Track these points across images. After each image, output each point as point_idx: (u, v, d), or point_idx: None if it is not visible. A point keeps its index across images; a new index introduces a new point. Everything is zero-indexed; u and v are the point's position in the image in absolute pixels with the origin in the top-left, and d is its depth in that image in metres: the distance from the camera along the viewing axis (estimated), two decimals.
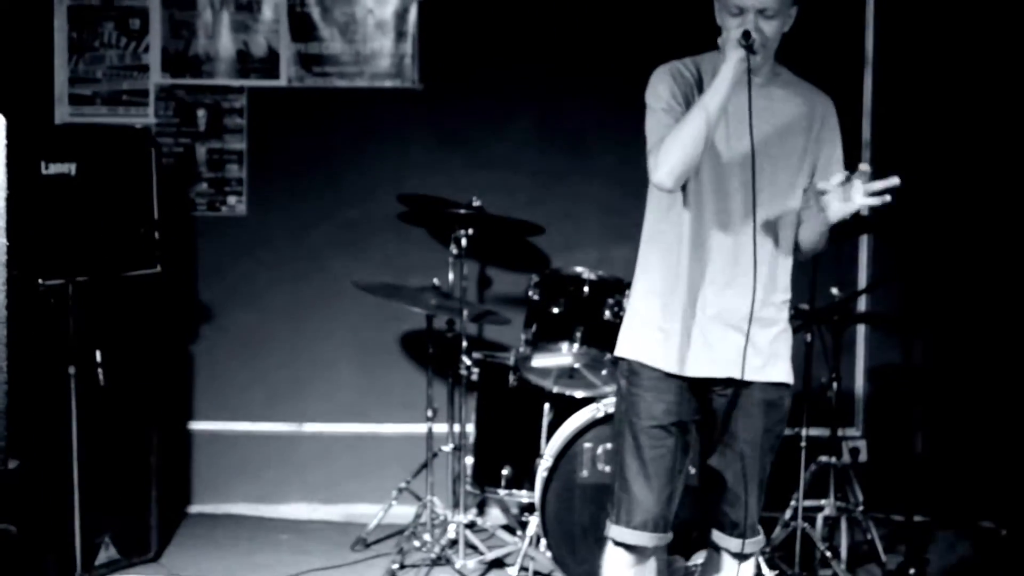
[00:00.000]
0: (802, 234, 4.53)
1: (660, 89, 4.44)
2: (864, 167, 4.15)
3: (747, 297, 4.33)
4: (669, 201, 4.50)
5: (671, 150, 4.25)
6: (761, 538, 4.73)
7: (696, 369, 4.47)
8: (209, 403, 7.63)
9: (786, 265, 4.59)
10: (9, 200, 4.55)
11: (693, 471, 4.78)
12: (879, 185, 4.11)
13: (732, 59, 4.20)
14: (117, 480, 6.42)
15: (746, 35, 4.20)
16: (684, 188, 4.44)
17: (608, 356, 6.14)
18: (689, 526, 5.16)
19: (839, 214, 4.19)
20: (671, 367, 4.47)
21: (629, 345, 4.62)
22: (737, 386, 4.46)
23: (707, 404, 4.57)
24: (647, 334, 4.56)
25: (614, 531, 4.56)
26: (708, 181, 4.45)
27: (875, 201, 4.11)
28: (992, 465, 7.17)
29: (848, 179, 4.12)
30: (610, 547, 4.60)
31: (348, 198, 7.53)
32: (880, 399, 7.66)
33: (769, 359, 4.52)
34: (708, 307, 4.47)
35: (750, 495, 4.55)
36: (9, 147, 4.61)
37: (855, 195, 4.12)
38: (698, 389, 4.53)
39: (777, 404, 4.58)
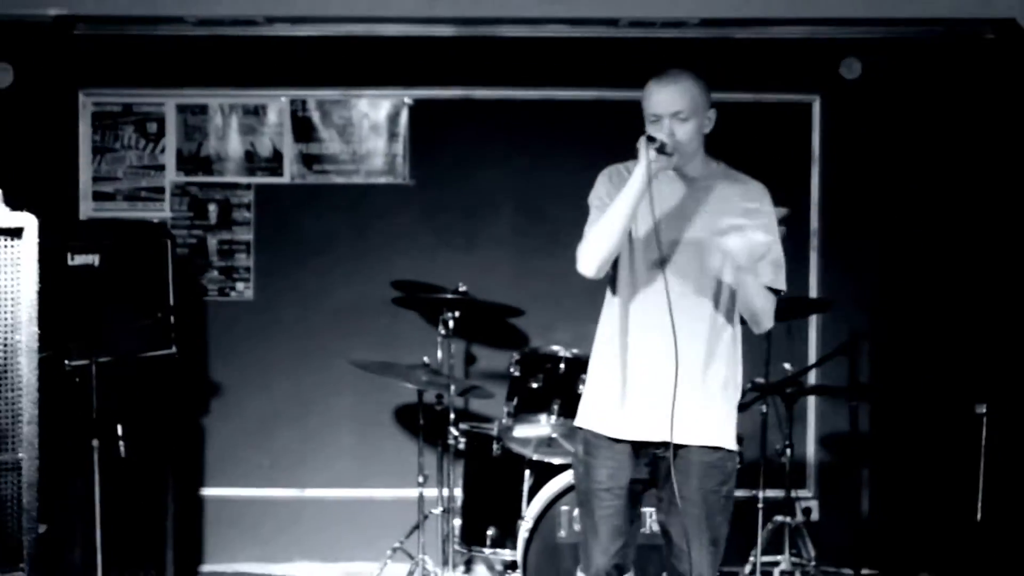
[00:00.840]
0: (739, 303, 4.56)
1: (598, 189, 4.65)
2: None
3: (687, 371, 4.45)
4: (608, 289, 4.70)
5: (589, 242, 4.47)
6: None
7: (634, 434, 4.57)
8: (219, 471, 7.62)
9: (723, 339, 4.60)
10: (39, 290, 4.66)
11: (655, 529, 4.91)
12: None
13: (641, 160, 4.34)
14: (136, 542, 6.43)
15: (650, 138, 4.37)
16: (615, 275, 4.62)
17: None
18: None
19: (738, 250, 4.29)
20: (613, 432, 4.60)
21: (581, 415, 4.77)
22: (676, 450, 4.50)
23: (654, 466, 4.63)
24: (594, 405, 4.71)
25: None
26: (637, 268, 4.59)
27: (763, 237, 4.35)
28: (931, 521, 7.21)
29: (738, 225, 4.34)
30: None
31: (346, 283, 7.55)
32: (830, 463, 7.66)
33: (705, 424, 4.56)
34: (642, 378, 4.55)
35: (693, 550, 4.57)
36: (39, 243, 4.72)
37: (753, 234, 4.32)
38: (642, 453, 4.61)
39: (717, 466, 4.59)
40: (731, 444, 4.63)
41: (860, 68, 7.48)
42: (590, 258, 4.46)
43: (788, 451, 6.78)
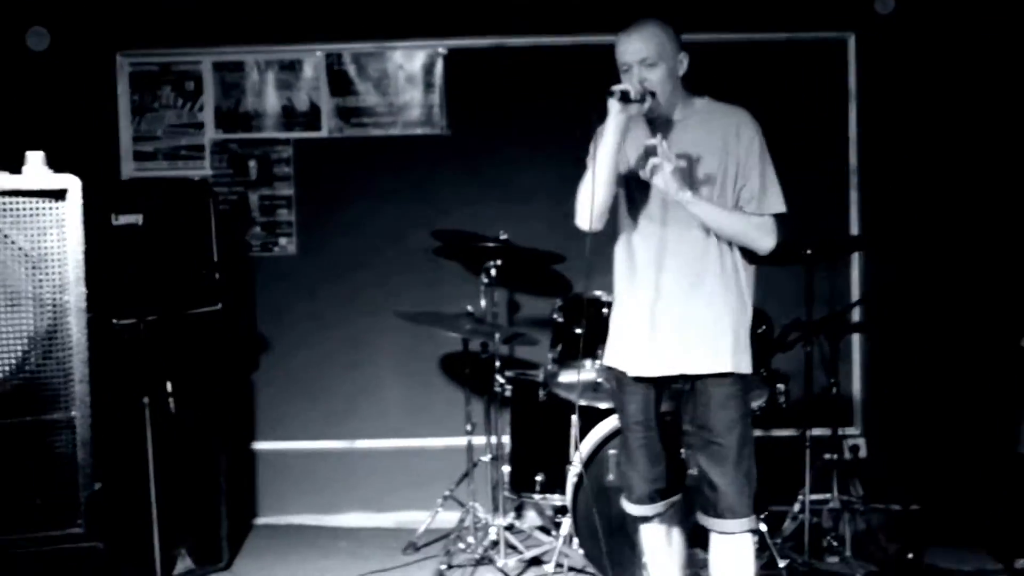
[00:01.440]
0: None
1: (591, 147, 4.73)
2: (649, 143, 4.53)
3: (691, 304, 4.66)
4: (614, 232, 4.89)
5: (581, 198, 4.69)
6: (744, 521, 4.75)
7: (646, 370, 4.75)
8: (271, 425, 7.68)
9: (724, 270, 4.73)
10: (85, 250, 4.68)
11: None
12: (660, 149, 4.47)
13: (611, 113, 4.54)
14: (190, 497, 6.46)
15: (610, 92, 4.55)
16: (616, 217, 4.83)
17: None
18: None
19: (664, 185, 4.51)
20: (630, 368, 4.79)
21: (607, 354, 4.97)
22: (693, 381, 4.71)
23: (675, 398, 4.81)
24: (613, 344, 4.93)
25: (624, 504, 5.06)
26: (634, 211, 4.78)
27: (669, 165, 4.47)
28: (985, 456, 7.14)
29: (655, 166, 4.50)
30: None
31: (387, 235, 7.56)
32: (876, 400, 7.65)
33: (715, 353, 4.69)
34: (650, 316, 4.71)
35: (721, 484, 4.71)
36: (83, 204, 4.74)
37: (663, 166, 4.49)
38: (661, 387, 4.80)
39: (735, 396, 4.72)
40: (745, 368, 4.75)
41: (894, 3, 7.39)
42: (583, 215, 4.70)
43: (834, 389, 6.73)
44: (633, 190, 4.76)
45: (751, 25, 7.41)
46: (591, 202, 4.61)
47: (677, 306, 4.67)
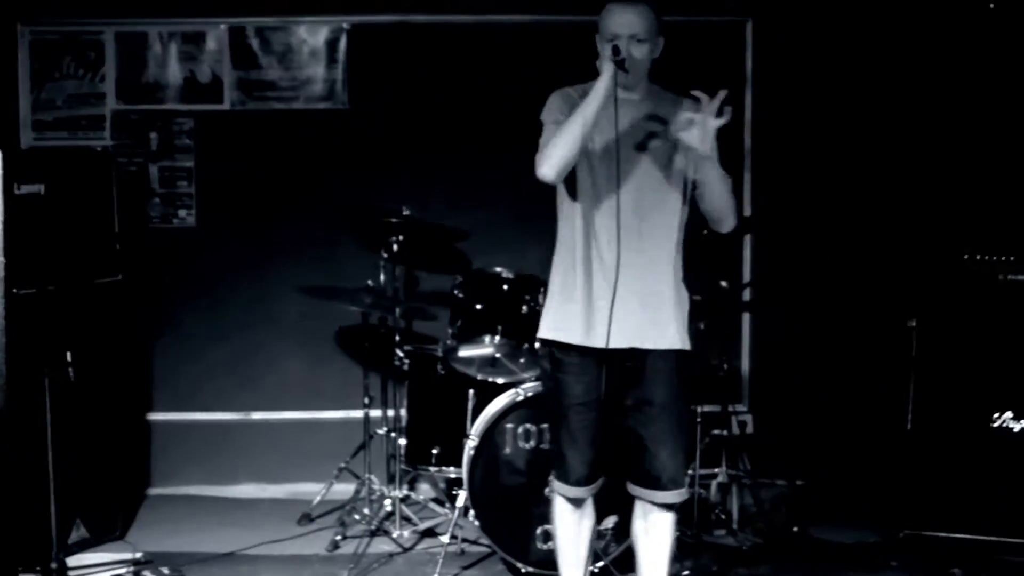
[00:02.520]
0: (705, 202, 4.80)
1: (551, 107, 4.83)
2: (696, 94, 4.54)
3: (647, 281, 4.77)
4: (567, 202, 4.88)
5: (552, 148, 4.60)
6: (684, 491, 4.91)
7: (600, 342, 4.73)
8: (167, 396, 7.66)
9: (678, 248, 4.89)
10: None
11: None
12: (713, 103, 4.50)
13: (605, 73, 4.57)
14: (86, 467, 6.42)
15: (615, 50, 4.58)
16: (575, 188, 4.82)
17: (526, 346, 6.27)
18: (601, 492, 5.26)
19: (700, 141, 4.54)
20: (580, 340, 4.78)
21: (546, 327, 4.93)
22: (640, 356, 4.77)
23: (618, 374, 4.79)
24: (559, 317, 4.88)
25: (556, 486, 5.01)
26: (597, 180, 4.78)
27: (720, 120, 4.52)
28: (872, 432, 7.30)
29: (692, 119, 4.52)
30: (556, 497, 5.05)
31: (288, 209, 7.56)
32: (764, 377, 7.81)
33: (666, 329, 4.82)
34: (599, 291, 4.75)
35: (665, 455, 4.83)
36: None
37: (707, 121, 4.51)
38: (609, 362, 4.77)
39: (680, 371, 4.84)
40: (688, 345, 4.90)
41: None
42: (552, 164, 4.59)
43: (724, 367, 6.87)
44: (596, 164, 4.79)
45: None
46: (563, 153, 4.58)
47: (638, 282, 4.73)
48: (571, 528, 5.09)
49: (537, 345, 5.08)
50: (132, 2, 7.45)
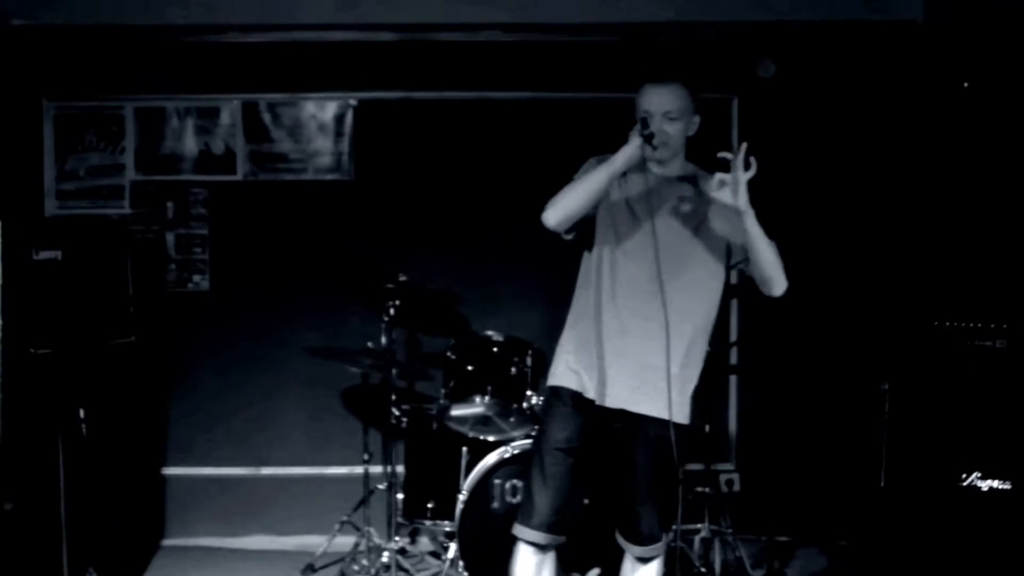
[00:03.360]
0: (752, 265, 4.96)
1: (585, 168, 4.97)
2: (722, 155, 4.73)
3: (653, 351, 4.83)
4: (590, 264, 5.02)
5: (562, 198, 4.79)
6: (660, 545, 5.14)
7: (598, 398, 4.91)
8: (180, 451, 7.87)
9: (706, 330, 5.05)
10: (4, 283, 4.89)
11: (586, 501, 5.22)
12: (738, 156, 4.71)
13: (631, 142, 4.75)
14: (99, 519, 6.57)
15: (643, 123, 4.78)
16: (601, 256, 4.95)
17: (515, 406, 6.48)
18: (585, 544, 5.47)
19: (733, 196, 4.73)
20: (593, 395, 4.93)
21: (558, 375, 5.09)
22: (634, 420, 4.90)
23: (608, 433, 4.96)
24: (574, 368, 5.03)
25: (517, 529, 5.08)
26: (623, 251, 4.94)
27: (748, 172, 4.75)
28: (846, 491, 7.47)
29: (723, 180, 4.70)
30: (518, 544, 5.10)
31: (297, 274, 7.78)
32: (750, 438, 7.97)
33: (664, 400, 4.89)
34: (615, 352, 4.90)
35: (648, 513, 5.04)
36: (4, 239, 4.96)
37: (737, 175, 4.72)
38: (600, 422, 4.94)
39: (668, 439, 4.88)
40: (686, 420, 5.01)
41: (774, 69, 7.74)
42: (558, 211, 4.78)
43: (707, 427, 7.01)
44: (623, 233, 4.93)
45: (643, 84, 7.69)
46: (571, 206, 4.75)
47: (641, 348, 4.86)
48: (524, 572, 5.11)
49: (536, 400, 5.27)
50: (151, 79, 7.74)
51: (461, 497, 6.39)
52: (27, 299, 6.08)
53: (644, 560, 5.14)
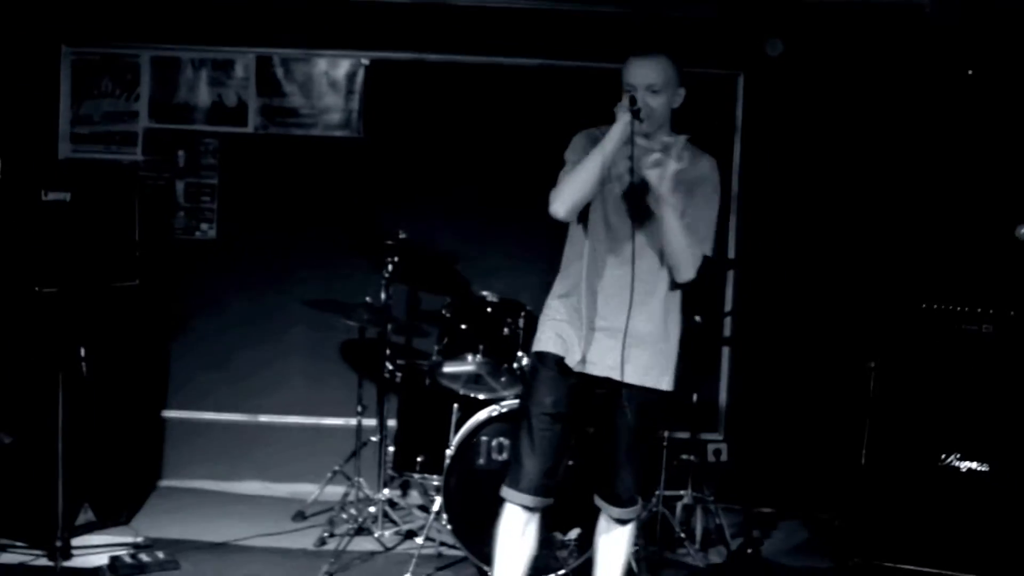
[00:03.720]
0: (663, 243, 4.88)
1: (575, 146, 5.02)
2: (667, 139, 4.79)
3: (639, 319, 4.90)
4: (577, 235, 5.06)
5: (565, 187, 4.84)
6: (638, 507, 5.23)
7: (594, 369, 4.97)
8: (181, 395, 7.99)
9: (676, 294, 5.06)
10: (11, 221, 4.98)
11: (570, 463, 5.33)
12: (674, 149, 4.71)
13: (620, 120, 4.76)
14: (97, 457, 6.75)
15: (632, 100, 4.78)
16: (586, 225, 5.00)
17: (505, 365, 6.55)
18: (567, 505, 5.57)
19: (657, 180, 4.69)
20: (574, 363, 4.97)
21: (543, 341, 5.12)
22: (616, 386, 4.94)
23: (592, 398, 5.04)
24: (557, 334, 5.06)
25: (506, 492, 5.11)
26: (603, 222, 4.98)
27: (679, 164, 4.69)
28: (831, 465, 7.53)
29: (659, 160, 4.69)
30: (506, 504, 5.12)
31: (301, 227, 7.88)
32: (738, 409, 8.06)
33: (645, 368, 4.99)
34: (599, 320, 4.96)
35: (627, 473, 5.12)
36: (13, 179, 5.04)
37: (667, 163, 4.69)
38: (585, 387, 5.01)
39: (657, 404, 5.05)
40: (669, 386, 5.09)
41: (781, 47, 7.79)
42: (564, 202, 4.83)
43: (694, 396, 7.13)
44: (610, 206, 4.97)
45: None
46: (576, 193, 4.80)
47: (626, 316, 4.86)
48: (513, 539, 5.12)
49: (526, 360, 5.32)
50: (167, 29, 7.82)
51: (448, 452, 6.45)
52: (34, 239, 6.19)
53: (621, 522, 5.24)
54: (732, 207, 7.93)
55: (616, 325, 4.90)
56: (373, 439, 7.27)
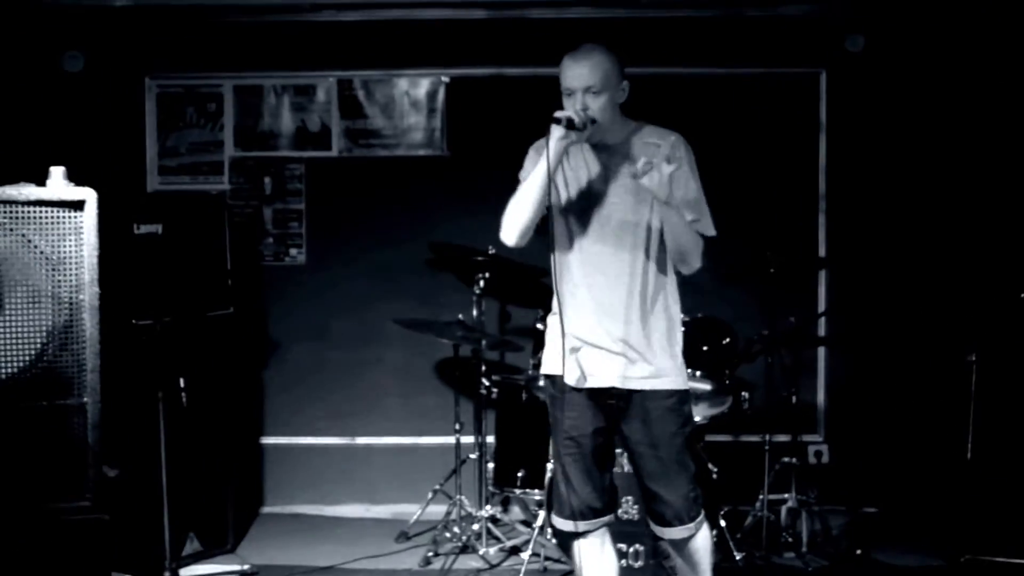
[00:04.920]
0: (667, 243, 4.65)
1: (526, 164, 4.90)
2: (652, 140, 4.52)
3: (625, 322, 4.66)
4: (555, 252, 4.81)
5: (510, 215, 4.72)
6: (691, 526, 4.79)
7: (587, 382, 4.73)
8: (278, 421, 8.00)
9: (661, 290, 4.76)
10: (106, 256, 5.01)
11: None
12: (663, 150, 4.40)
13: (552, 135, 4.54)
14: (200, 486, 6.77)
15: (555, 119, 4.54)
16: (553, 237, 4.77)
17: None
18: None
19: (657, 186, 4.38)
20: (571, 381, 4.76)
21: (543, 365, 4.99)
22: (629, 396, 4.72)
23: (612, 413, 4.77)
24: (551, 356, 4.86)
25: (552, 519, 4.98)
26: (573, 232, 4.79)
27: (671, 167, 4.37)
28: (936, 462, 7.37)
29: (651, 163, 4.38)
30: (563, 536, 4.96)
31: (390, 247, 7.87)
32: (838, 409, 7.92)
33: (654, 370, 4.71)
34: (587, 331, 4.73)
35: (667, 493, 4.75)
36: (106, 213, 5.09)
37: (661, 167, 4.37)
38: (600, 402, 4.76)
39: (674, 409, 4.73)
40: (682, 384, 4.80)
41: (863, 43, 7.69)
42: (508, 228, 4.71)
43: (793, 398, 7.01)
44: (571, 211, 4.77)
45: (730, 60, 7.72)
46: (518, 218, 4.65)
47: (612, 322, 4.68)
48: (585, 562, 4.91)
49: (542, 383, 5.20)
50: (249, 58, 7.86)
51: (550, 466, 6.37)
52: (128, 272, 6.21)
53: (675, 544, 4.90)
54: (820, 206, 7.84)
55: (606, 333, 4.70)
56: (472, 456, 7.22)
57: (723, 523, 6.50)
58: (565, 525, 4.87)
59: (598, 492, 4.83)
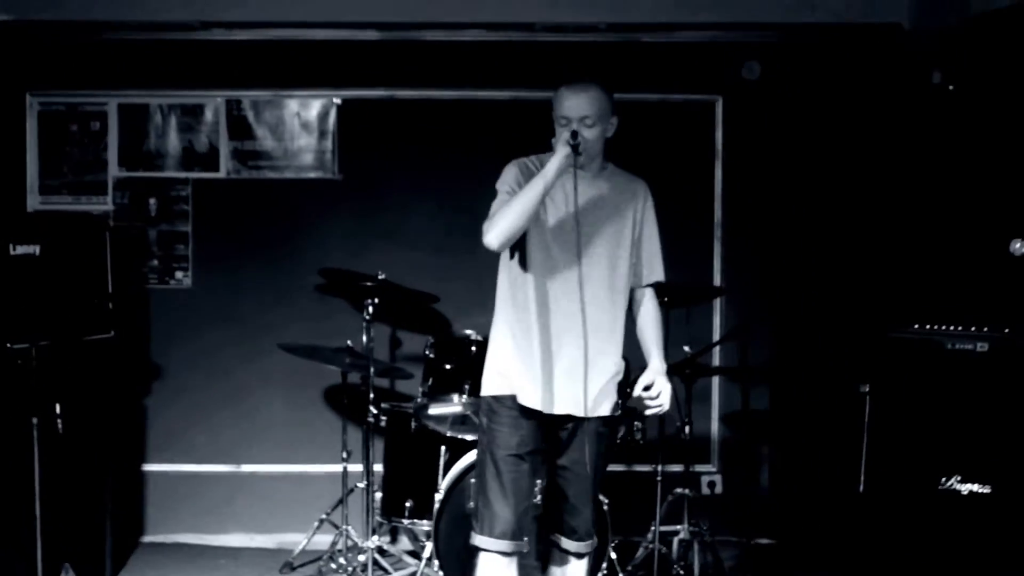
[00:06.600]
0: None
1: (508, 177, 4.91)
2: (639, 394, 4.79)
3: (590, 347, 4.76)
4: (516, 270, 4.93)
5: (501, 219, 4.69)
6: (594, 541, 5.11)
7: (553, 407, 4.82)
8: (160, 448, 7.79)
9: (620, 324, 4.97)
10: None
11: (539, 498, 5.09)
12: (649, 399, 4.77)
13: (560, 153, 4.64)
14: (76, 514, 6.51)
15: (573, 135, 4.67)
16: (526, 259, 4.88)
17: None
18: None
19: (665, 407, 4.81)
20: (531, 403, 4.82)
21: (492, 384, 4.99)
22: (577, 421, 4.86)
23: (553, 435, 4.91)
24: (509, 375, 4.91)
25: (479, 540, 4.91)
26: (553, 252, 4.85)
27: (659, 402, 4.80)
28: (820, 492, 7.38)
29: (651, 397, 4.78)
30: (481, 554, 4.91)
31: (278, 272, 7.72)
32: (731, 439, 7.88)
33: (602, 398, 4.91)
34: (555, 357, 4.83)
35: (586, 508, 5.02)
36: None
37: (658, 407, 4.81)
38: (546, 423, 4.87)
39: (604, 433, 4.99)
40: (618, 411, 5.07)
41: (759, 70, 7.67)
42: (499, 234, 4.68)
43: (687, 429, 6.93)
44: (551, 237, 4.87)
45: (627, 86, 7.56)
46: (511, 225, 4.67)
47: (581, 351, 4.77)
48: None
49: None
50: (135, 75, 7.67)
51: (438, 496, 6.29)
52: (2, 294, 6.00)
53: (579, 555, 5.11)
54: (715, 233, 7.80)
55: (572, 358, 4.80)
56: (360, 485, 7.07)
57: (613, 555, 6.44)
58: (498, 545, 4.85)
59: (531, 514, 4.93)
